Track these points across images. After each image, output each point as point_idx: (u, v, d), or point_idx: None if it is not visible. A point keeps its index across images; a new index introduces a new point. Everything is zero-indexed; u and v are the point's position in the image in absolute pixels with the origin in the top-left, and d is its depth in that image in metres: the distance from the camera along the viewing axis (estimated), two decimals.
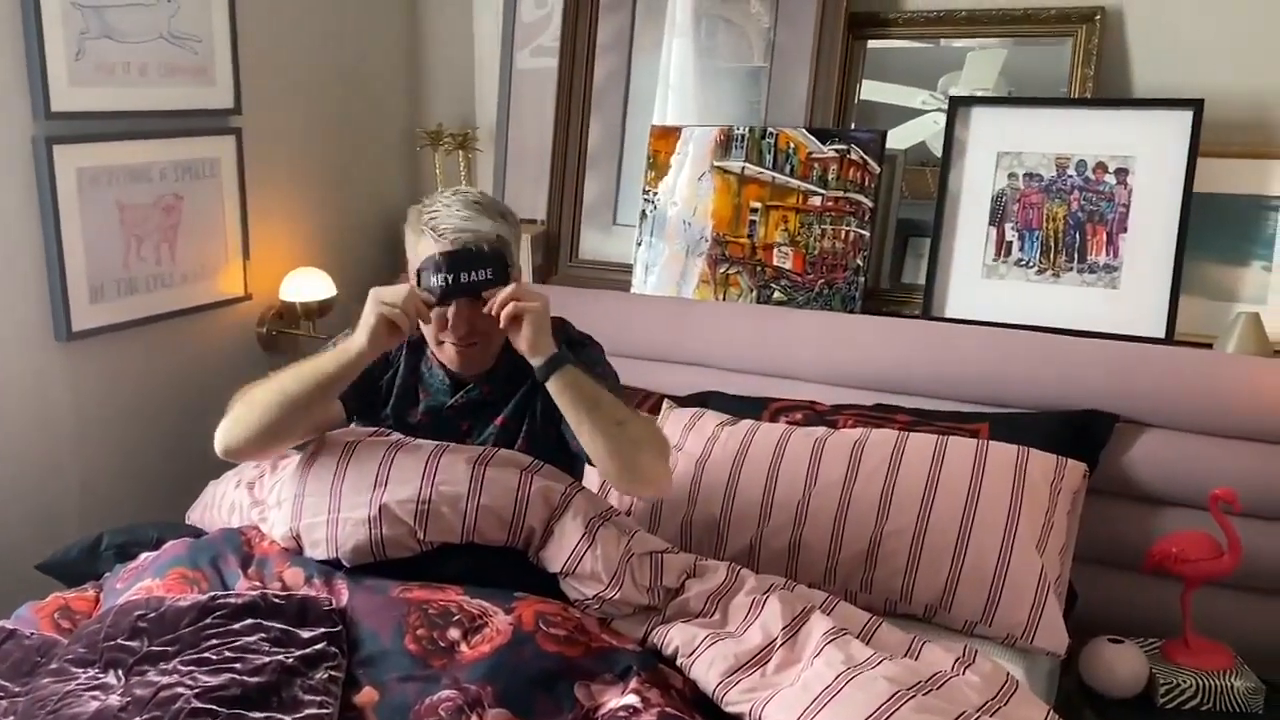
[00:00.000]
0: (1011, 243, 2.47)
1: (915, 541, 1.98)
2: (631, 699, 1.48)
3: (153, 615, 1.62)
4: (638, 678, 1.52)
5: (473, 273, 1.64)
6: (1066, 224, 2.42)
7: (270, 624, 1.60)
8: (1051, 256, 2.43)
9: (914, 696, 1.48)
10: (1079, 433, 2.22)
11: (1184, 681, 1.97)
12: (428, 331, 1.77)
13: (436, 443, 1.76)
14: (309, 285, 2.74)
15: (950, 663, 1.62)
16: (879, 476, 2.08)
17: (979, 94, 2.53)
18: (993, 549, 1.95)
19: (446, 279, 1.64)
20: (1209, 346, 2.29)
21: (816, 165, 2.57)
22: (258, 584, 1.65)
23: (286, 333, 2.79)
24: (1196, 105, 2.29)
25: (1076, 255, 2.41)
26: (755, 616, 1.68)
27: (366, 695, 1.49)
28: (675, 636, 1.67)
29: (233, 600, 1.64)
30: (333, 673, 1.55)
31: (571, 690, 1.50)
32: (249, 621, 1.60)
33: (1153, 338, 2.32)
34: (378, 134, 3.07)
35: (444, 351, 1.78)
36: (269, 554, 1.71)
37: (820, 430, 2.24)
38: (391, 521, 1.67)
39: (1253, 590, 2.16)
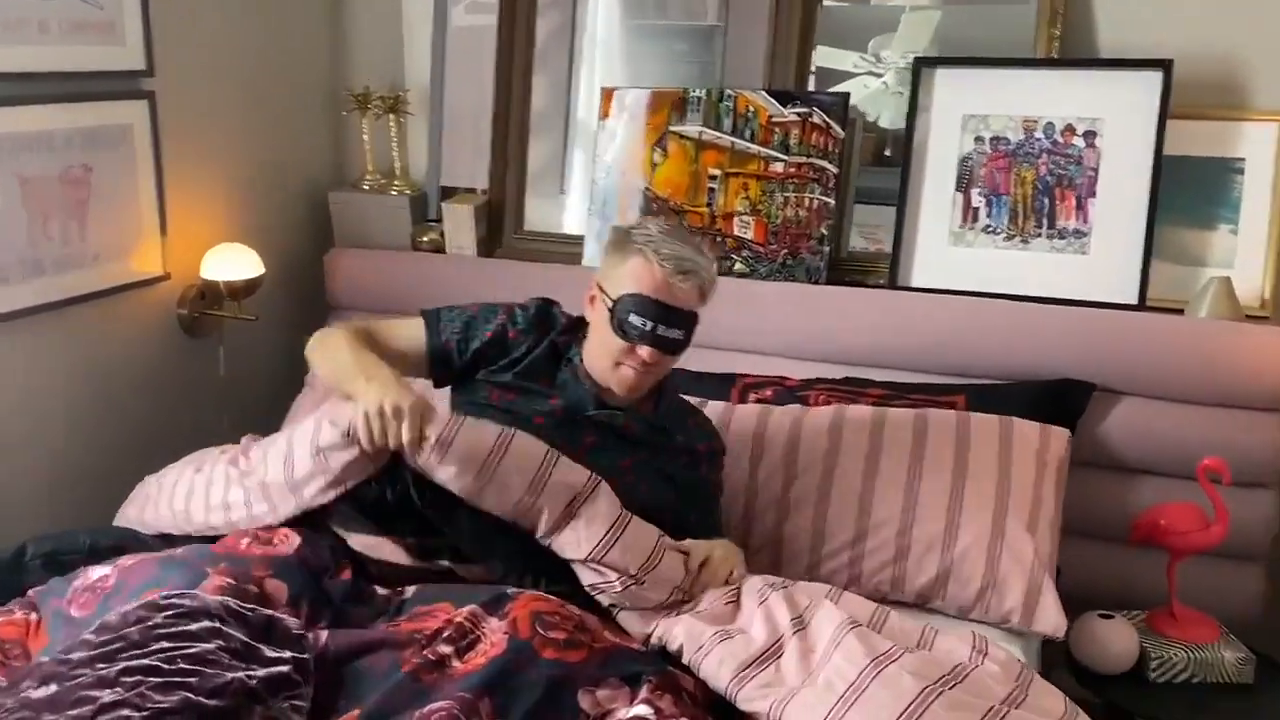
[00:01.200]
0: (979, 209, 2.40)
1: (904, 531, 1.92)
2: (643, 709, 1.37)
3: (97, 626, 1.43)
4: (648, 684, 1.41)
5: (671, 329, 1.71)
6: (1035, 189, 2.36)
7: (232, 633, 1.43)
8: (1020, 223, 2.37)
9: (942, 692, 1.41)
10: (1056, 402, 2.18)
11: (1174, 655, 1.94)
12: (606, 351, 1.75)
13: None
14: (233, 262, 2.53)
15: (967, 652, 1.54)
16: (859, 462, 2.00)
17: (916, 54, 2.44)
18: (983, 531, 1.89)
19: (647, 324, 1.69)
20: (1180, 312, 2.27)
21: (777, 130, 2.46)
22: (230, 581, 1.48)
23: (210, 314, 2.58)
24: (1166, 65, 2.24)
25: (1045, 221, 2.36)
26: (760, 610, 1.59)
27: (348, 717, 1.35)
28: (679, 633, 1.57)
29: (187, 602, 1.46)
30: (294, 702, 1.39)
31: (575, 699, 1.38)
32: (206, 624, 1.42)
33: (1125, 304, 2.28)
34: (301, 97, 2.85)
35: (618, 373, 1.75)
36: (249, 554, 1.54)
37: (795, 410, 2.15)
38: None
39: (1228, 558, 2.15)
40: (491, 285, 2.61)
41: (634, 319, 1.69)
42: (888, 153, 2.57)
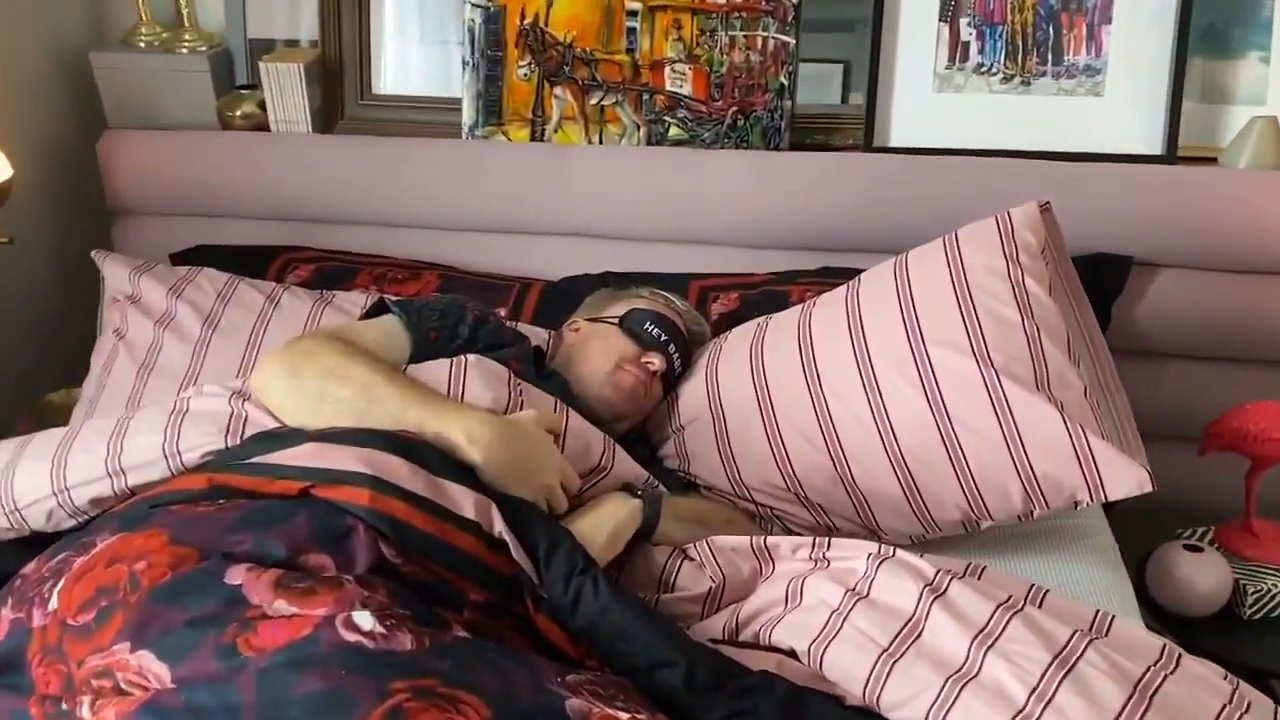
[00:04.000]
0: (968, 43, 1.93)
1: (893, 458, 1.43)
2: None
3: None
4: None
5: (676, 353, 1.59)
6: (1036, 15, 1.90)
7: None
8: (1019, 59, 1.92)
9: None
10: (1088, 283, 1.76)
11: (1274, 585, 1.62)
12: (606, 354, 1.54)
13: None
14: None
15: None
16: (799, 386, 1.50)
17: None
18: (985, 423, 1.39)
19: (661, 335, 1.58)
20: (1212, 161, 1.89)
21: None
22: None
23: None
24: None
25: (1051, 55, 1.91)
26: (882, 574, 1.18)
27: None
28: (787, 630, 1.17)
29: None
30: None
31: None
32: None
33: (1150, 156, 1.88)
34: None
35: (616, 376, 1.53)
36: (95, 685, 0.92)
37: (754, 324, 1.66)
38: None
39: None
40: (343, 172, 1.98)
41: (650, 326, 1.57)
42: None
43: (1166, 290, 1.83)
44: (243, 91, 2.10)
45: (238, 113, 2.06)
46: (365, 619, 0.98)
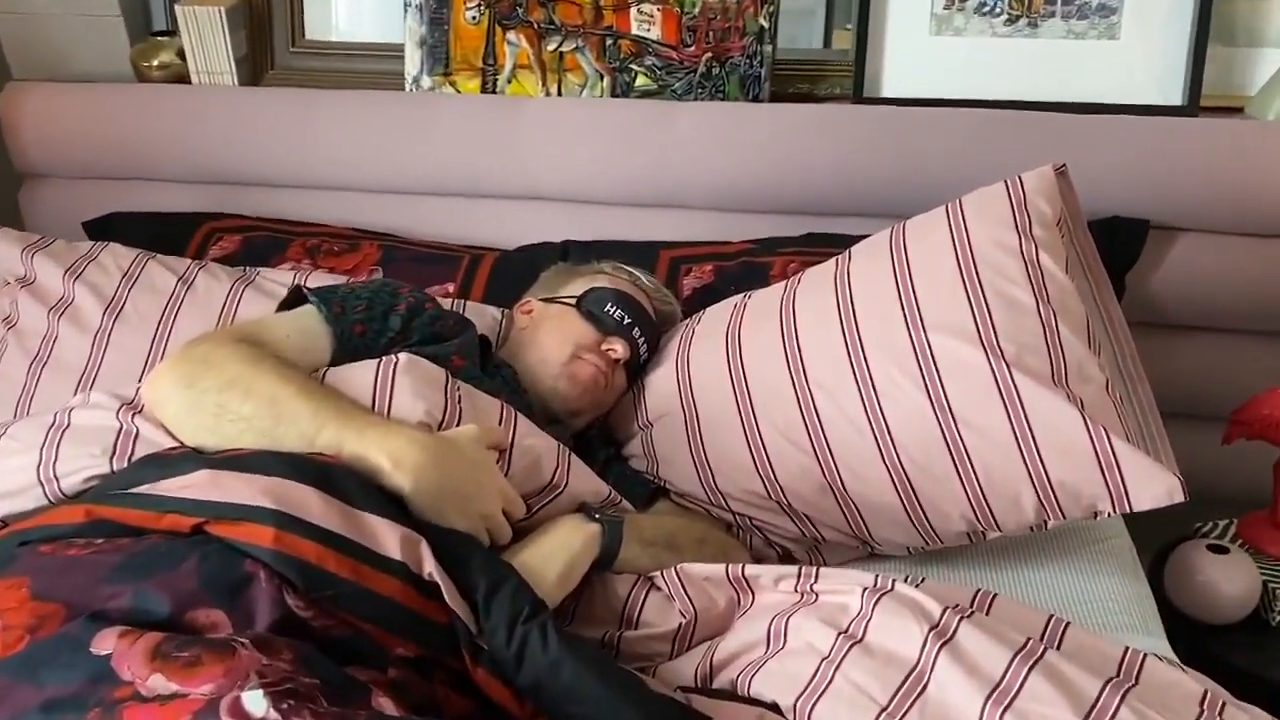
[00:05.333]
0: None
1: (889, 463, 1.25)
2: None
3: None
4: None
5: (641, 336, 1.43)
6: None
7: None
8: None
9: None
10: (1100, 249, 1.58)
11: None
12: (563, 343, 1.38)
13: None
14: None
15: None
16: (782, 378, 1.32)
17: None
18: (994, 417, 1.21)
19: (625, 318, 1.42)
20: (1238, 112, 1.72)
21: None
22: None
23: None
24: None
25: None
26: (881, 614, 1.02)
27: None
28: (768, 680, 1.01)
29: None
30: None
31: None
32: None
33: (1169, 107, 1.70)
34: None
35: (572, 367, 1.37)
36: None
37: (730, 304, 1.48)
38: None
39: None
40: (272, 129, 1.79)
41: (611, 308, 1.41)
42: None
43: (1187, 256, 1.67)
44: (160, 38, 1.91)
45: (154, 62, 1.88)
46: (257, 701, 0.81)
